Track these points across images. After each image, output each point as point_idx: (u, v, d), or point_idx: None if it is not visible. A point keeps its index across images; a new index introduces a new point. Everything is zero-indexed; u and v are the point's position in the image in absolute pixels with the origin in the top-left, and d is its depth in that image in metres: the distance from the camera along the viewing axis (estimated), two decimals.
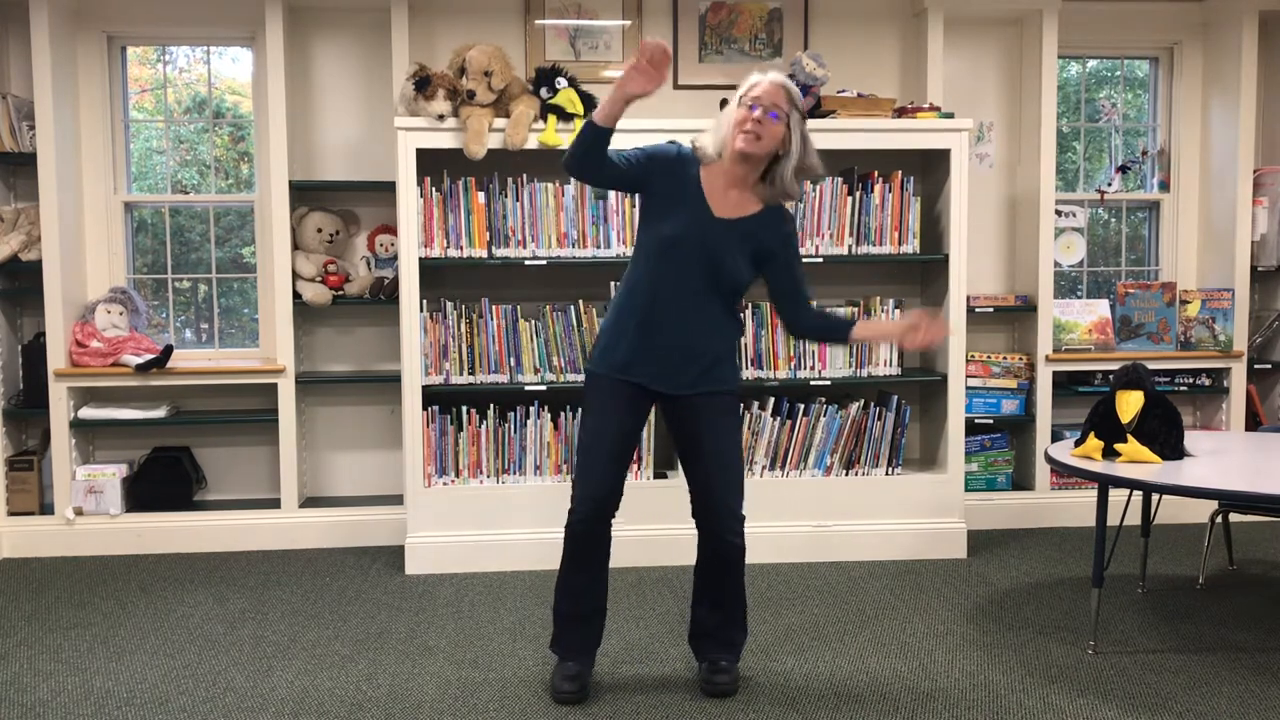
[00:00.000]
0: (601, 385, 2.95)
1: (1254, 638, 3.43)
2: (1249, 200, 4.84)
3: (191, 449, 4.75)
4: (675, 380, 2.91)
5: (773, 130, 2.80)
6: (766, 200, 2.91)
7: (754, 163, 2.86)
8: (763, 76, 2.86)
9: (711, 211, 2.87)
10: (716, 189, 2.89)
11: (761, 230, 2.90)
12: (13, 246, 4.42)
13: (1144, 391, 3.27)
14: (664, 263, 2.87)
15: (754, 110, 2.79)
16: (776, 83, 2.84)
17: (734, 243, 2.87)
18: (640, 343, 2.89)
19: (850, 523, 4.37)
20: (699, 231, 2.85)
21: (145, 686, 3.11)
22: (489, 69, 4.12)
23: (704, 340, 2.90)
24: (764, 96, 2.80)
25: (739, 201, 2.90)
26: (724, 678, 3.00)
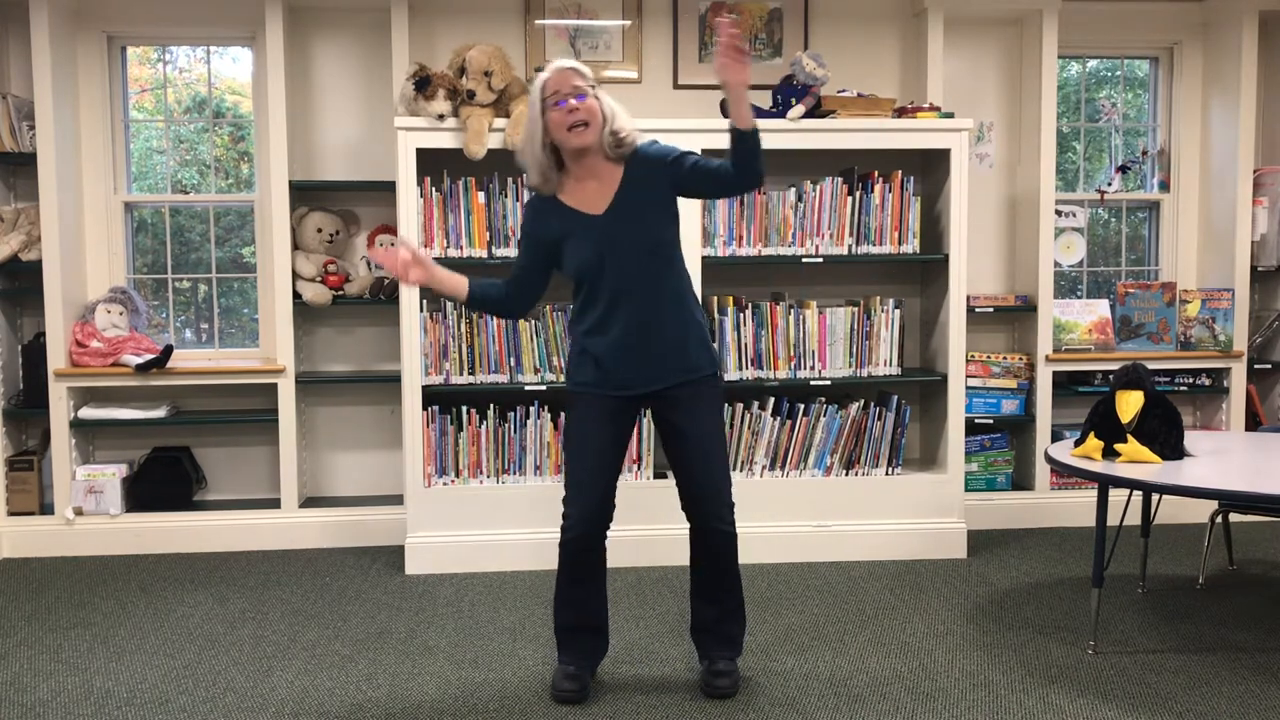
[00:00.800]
0: (581, 402, 2.96)
1: (1254, 638, 3.43)
2: (1249, 200, 4.84)
3: (191, 449, 4.75)
4: (648, 377, 2.91)
5: (590, 107, 2.81)
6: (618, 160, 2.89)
7: (592, 150, 2.86)
8: (547, 72, 2.86)
9: (590, 215, 2.88)
10: (577, 194, 2.91)
11: (641, 181, 2.88)
12: (13, 246, 4.42)
13: (1144, 391, 3.27)
14: (594, 282, 2.89)
15: (562, 105, 2.80)
16: (560, 69, 2.85)
17: (630, 215, 2.87)
18: (606, 357, 2.90)
19: (850, 523, 4.37)
20: (596, 239, 2.86)
21: (145, 686, 3.11)
22: (489, 69, 4.12)
23: (662, 329, 2.89)
24: (562, 87, 2.81)
25: (602, 186, 2.90)
26: (724, 680, 3.00)
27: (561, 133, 2.82)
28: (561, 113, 2.80)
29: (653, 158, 2.90)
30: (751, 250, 4.32)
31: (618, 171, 2.90)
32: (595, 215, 2.88)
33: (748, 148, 2.74)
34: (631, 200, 2.88)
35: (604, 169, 2.90)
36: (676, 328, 2.91)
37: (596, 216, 2.88)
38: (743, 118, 2.71)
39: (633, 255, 2.86)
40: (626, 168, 2.90)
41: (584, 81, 2.84)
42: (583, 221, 2.89)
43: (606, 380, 2.92)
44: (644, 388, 2.92)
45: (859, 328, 4.37)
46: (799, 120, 4.25)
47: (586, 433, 2.94)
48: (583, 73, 2.86)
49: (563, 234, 2.91)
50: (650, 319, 2.88)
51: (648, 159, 2.90)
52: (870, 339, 4.38)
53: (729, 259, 4.31)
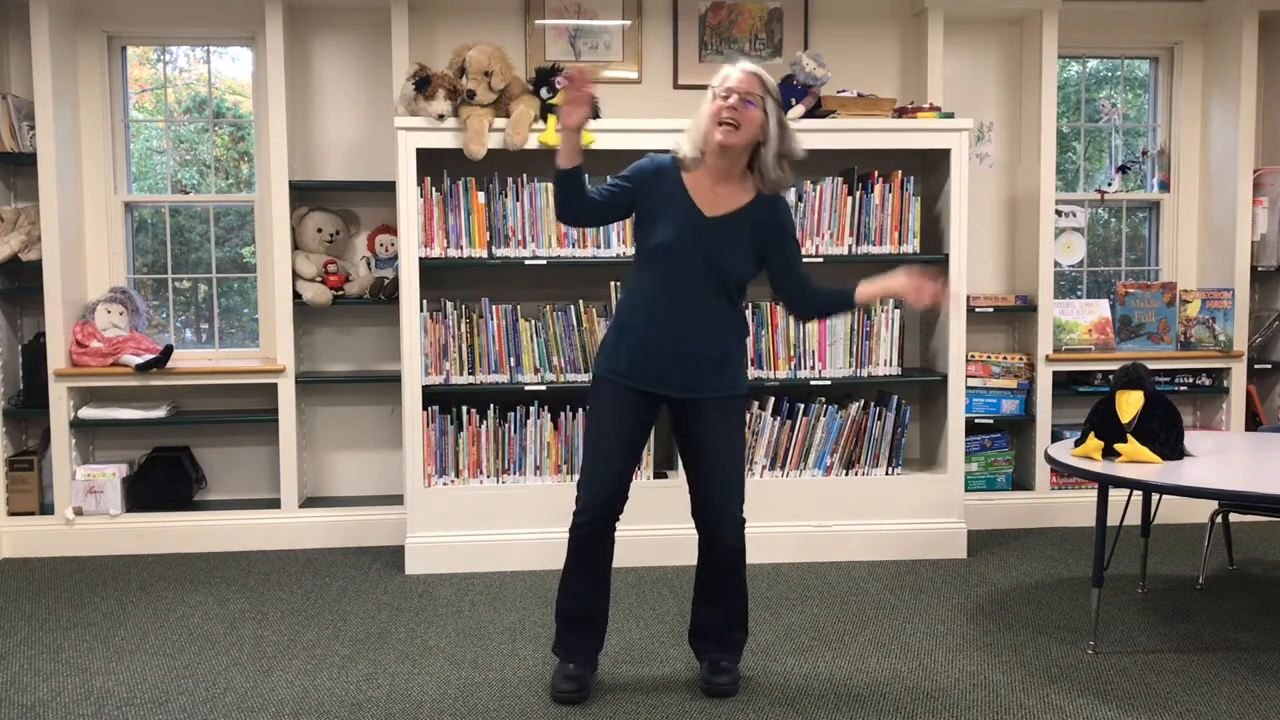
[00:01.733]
0: (606, 389, 2.95)
1: (1254, 638, 3.43)
2: (1249, 200, 4.84)
3: (191, 449, 4.75)
4: (681, 385, 2.91)
5: (749, 117, 2.80)
6: (759, 189, 2.91)
7: (735, 154, 2.85)
8: (733, 67, 2.85)
9: (702, 212, 2.87)
10: (703, 188, 2.89)
11: (756, 221, 2.90)
12: (13, 246, 4.42)
13: (1144, 391, 3.27)
14: (662, 269, 2.87)
15: (729, 99, 2.79)
16: (749, 71, 2.84)
17: (730, 238, 2.87)
18: (644, 349, 2.89)
19: (850, 523, 4.37)
20: (692, 234, 2.85)
21: (145, 686, 3.11)
22: (489, 69, 4.12)
23: (708, 343, 2.90)
24: (738, 85, 2.80)
25: (728, 196, 2.89)
26: (724, 678, 3.00)
27: (711, 123, 2.81)
28: (721, 103, 2.79)
29: (779, 216, 2.94)
30: None
31: (748, 195, 2.90)
32: (704, 215, 2.87)
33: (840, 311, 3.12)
34: (740, 228, 2.88)
35: (739, 183, 2.90)
36: (719, 345, 2.92)
37: (705, 216, 2.87)
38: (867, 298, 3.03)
39: (710, 271, 2.86)
40: (755, 200, 2.90)
41: (762, 92, 2.82)
42: (690, 211, 2.87)
43: (636, 372, 2.91)
44: (670, 391, 2.92)
45: (859, 328, 4.37)
46: (799, 120, 4.25)
47: (607, 422, 2.93)
48: (766, 84, 2.84)
49: (663, 206, 2.88)
50: (701, 331, 2.88)
51: (775, 213, 2.93)
52: (870, 339, 4.38)
53: None
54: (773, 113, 2.84)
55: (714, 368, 2.91)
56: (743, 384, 2.99)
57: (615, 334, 2.95)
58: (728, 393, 2.94)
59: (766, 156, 2.86)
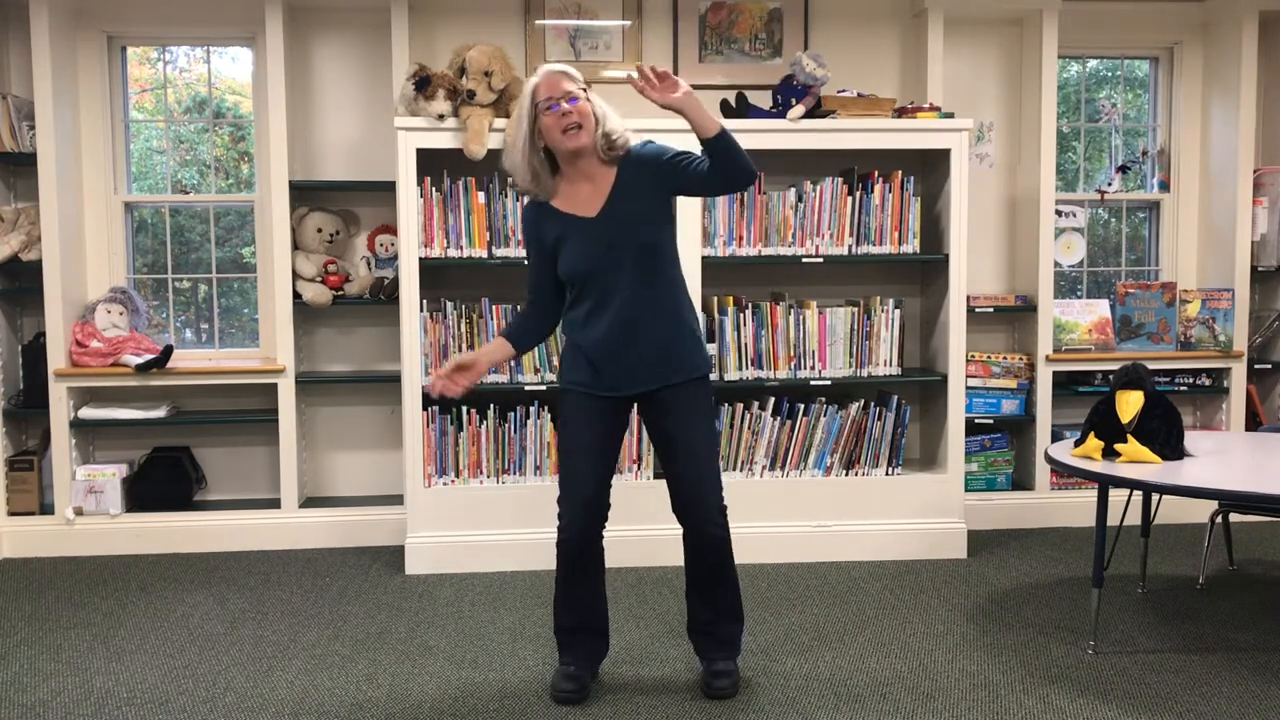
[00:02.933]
0: (571, 400, 2.97)
1: (1254, 638, 3.43)
2: (1249, 200, 4.84)
3: (191, 449, 4.75)
4: (638, 378, 2.91)
5: (583, 110, 2.81)
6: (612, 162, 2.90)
7: (588, 153, 2.86)
8: (534, 80, 2.85)
9: (585, 218, 2.88)
10: (572, 198, 2.90)
11: (634, 182, 2.88)
12: (13, 246, 4.42)
13: (1144, 391, 3.27)
14: (586, 287, 2.89)
15: (555, 109, 2.79)
16: (550, 73, 2.84)
17: (622, 217, 2.87)
18: (597, 355, 2.90)
19: (850, 523, 4.37)
20: (591, 242, 2.86)
21: (145, 686, 3.11)
22: (489, 69, 4.12)
23: (652, 329, 2.89)
24: (552, 92, 2.80)
25: (596, 187, 2.90)
26: (724, 680, 3.00)
27: (556, 136, 2.81)
28: (555, 116, 2.79)
29: (646, 159, 2.90)
30: (751, 250, 4.32)
31: (611, 173, 2.90)
32: (589, 218, 2.88)
33: (721, 149, 2.74)
34: (625, 202, 2.87)
35: (597, 171, 2.90)
36: (666, 329, 2.91)
37: (590, 219, 2.88)
38: (704, 126, 2.72)
39: (625, 256, 2.86)
40: (620, 169, 2.90)
41: (575, 84, 2.83)
42: (577, 225, 2.89)
43: (597, 380, 2.92)
44: (633, 389, 2.93)
45: (859, 328, 4.37)
46: (799, 120, 4.25)
47: (578, 432, 2.95)
48: (573, 75, 2.85)
49: (559, 238, 2.91)
50: (639, 319, 2.88)
51: (641, 160, 2.90)
52: (870, 339, 4.38)
53: (729, 259, 4.31)
54: (592, 96, 2.85)
55: (669, 351, 2.91)
56: (704, 364, 2.97)
57: (570, 349, 2.97)
58: (690, 376, 2.93)
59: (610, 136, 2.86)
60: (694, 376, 2.95)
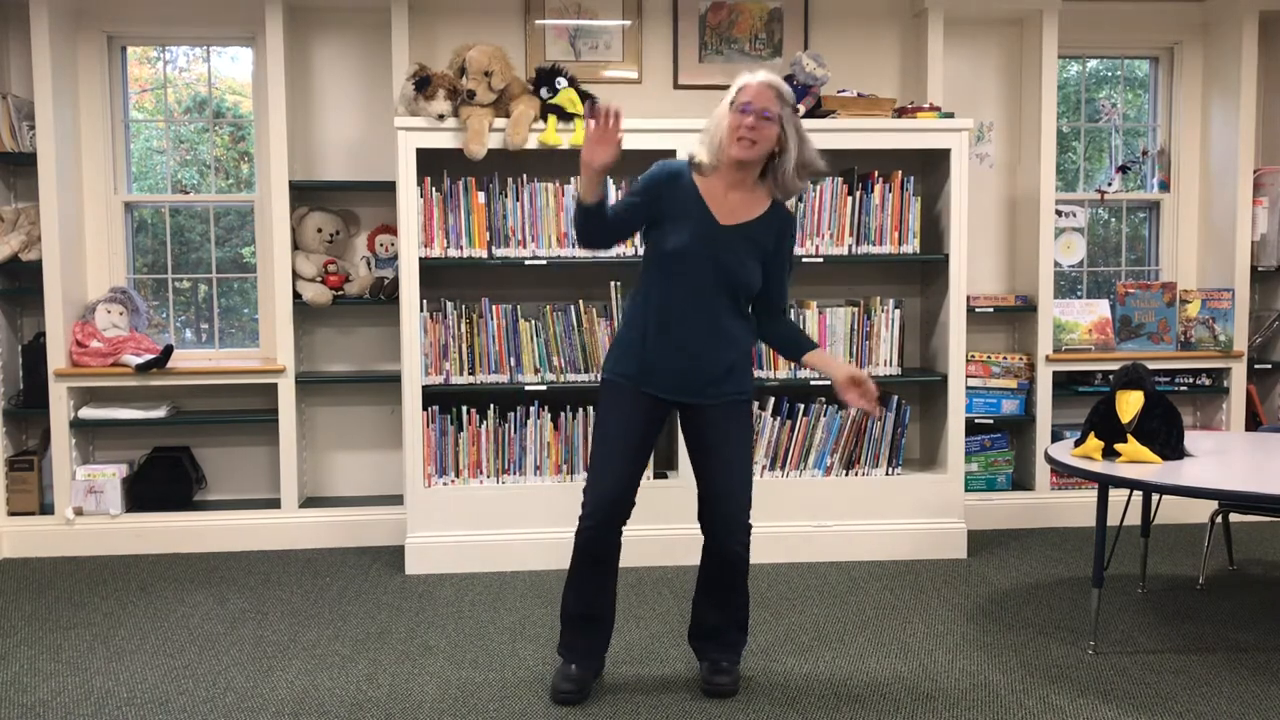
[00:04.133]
0: (615, 393, 2.95)
1: (1254, 638, 3.43)
2: (1249, 200, 4.84)
3: (191, 449, 4.75)
4: (690, 390, 2.92)
5: (767, 133, 2.80)
6: (772, 197, 2.92)
7: (752, 166, 2.86)
8: (751, 77, 2.84)
9: (716, 219, 2.87)
10: (717, 195, 2.89)
11: (766, 230, 2.91)
12: (13, 246, 4.42)
13: (1144, 391, 3.27)
14: (674, 274, 2.87)
15: (746, 115, 2.78)
16: (765, 83, 2.83)
17: (742, 246, 2.87)
18: (654, 354, 2.90)
19: (850, 523, 4.37)
20: (706, 241, 2.85)
21: (145, 686, 3.11)
22: (489, 69, 4.11)
23: (718, 350, 2.90)
24: (755, 100, 2.79)
25: (742, 204, 2.90)
26: (724, 678, 3.00)
27: (728, 135, 2.81)
28: (738, 118, 2.79)
29: (784, 226, 2.94)
30: None
31: (761, 205, 2.91)
32: (719, 223, 2.87)
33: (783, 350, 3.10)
34: (751, 236, 2.89)
35: (753, 192, 2.90)
36: (732, 353, 2.92)
37: (719, 224, 2.87)
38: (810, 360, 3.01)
39: (725, 277, 2.86)
40: (771, 208, 2.91)
41: (779, 106, 2.81)
42: (705, 219, 2.87)
43: (647, 377, 2.91)
44: (682, 397, 2.93)
45: (859, 328, 4.37)
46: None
47: (618, 423, 2.93)
48: (784, 96, 2.83)
49: (678, 212, 2.87)
50: (711, 338, 2.88)
51: (783, 224, 2.93)
52: (870, 339, 4.38)
53: None
54: (790, 123, 2.83)
55: (723, 375, 2.92)
56: (750, 388, 3.00)
57: (625, 337, 2.95)
58: (735, 396, 2.95)
59: (786, 166, 2.85)
60: (742, 397, 2.97)
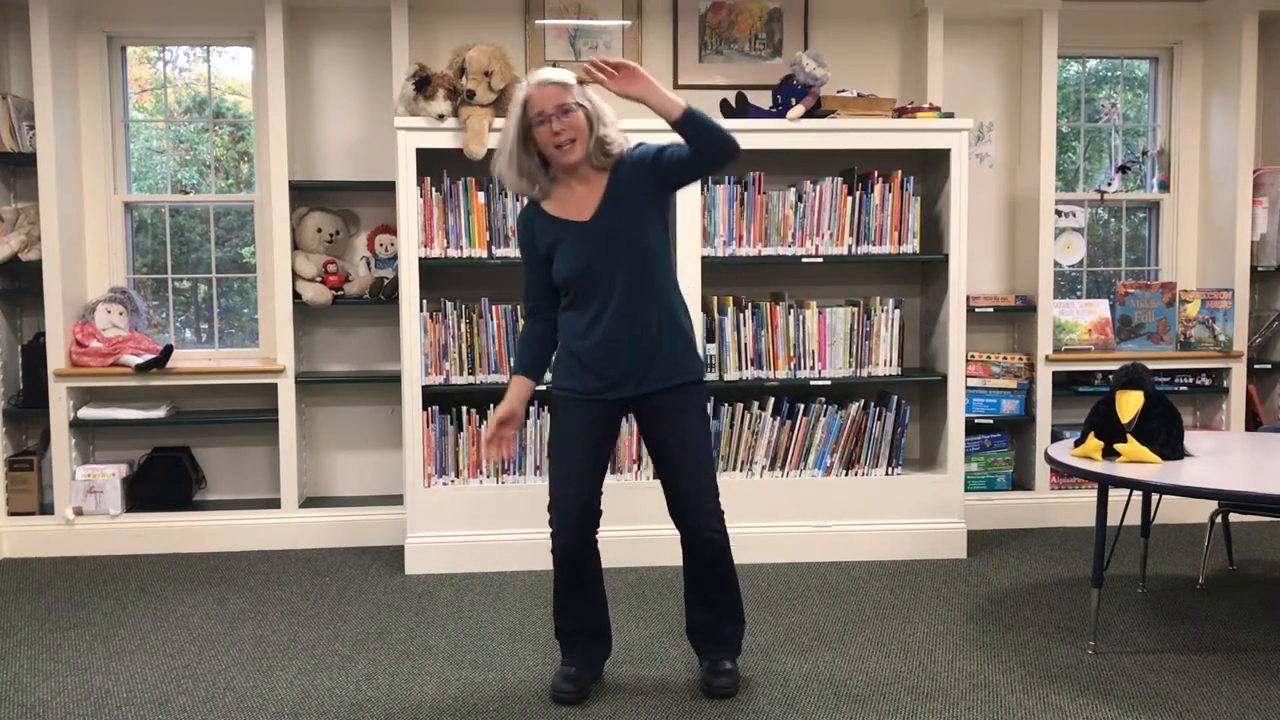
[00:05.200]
0: (566, 407, 2.96)
1: (1254, 638, 3.43)
2: (1249, 200, 4.84)
3: (191, 449, 4.75)
4: (631, 380, 2.90)
5: (576, 123, 2.80)
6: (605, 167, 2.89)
7: (584, 159, 2.85)
8: (530, 87, 2.83)
9: (578, 222, 2.88)
10: (566, 203, 2.90)
11: (625, 185, 2.88)
12: (13, 246, 4.42)
13: (1144, 391, 3.27)
14: (581, 290, 2.89)
15: (548, 123, 2.78)
16: (544, 83, 2.82)
17: (617, 219, 2.86)
18: (593, 363, 2.90)
19: (850, 523, 4.37)
20: (584, 245, 2.86)
21: (145, 686, 3.11)
22: (489, 69, 4.12)
23: (645, 332, 2.88)
24: (544, 104, 2.79)
25: (590, 191, 2.89)
26: (724, 679, 3.00)
27: (550, 151, 2.82)
28: (547, 133, 2.79)
29: (636, 161, 2.90)
30: (751, 250, 4.32)
31: (604, 177, 2.90)
32: (582, 222, 2.88)
33: (691, 128, 2.76)
34: (617, 205, 2.87)
35: (591, 175, 2.90)
36: (660, 331, 2.90)
37: (583, 223, 2.88)
38: (670, 109, 2.74)
39: (618, 259, 2.85)
40: (613, 173, 2.90)
41: (567, 93, 2.81)
42: (570, 229, 2.88)
43: (590, 384, 2.91)
44: (626, 392, 2.92)
45: (859, 328, 4.37)
46: (799, 120, 4.25)
47: (569, 438, 2.95)
48: (565, 83, 2.83)
49: (553, 244, 2.90)
50: (632, 322, 2.87)
51: (632, 163, 2.90)
52: (870, 339, 4.38)
53: (729, 259, 4.31)
54: (583, 98, 2.83)
55: (657, 355, 2.89)
56: (697, 369, 2.97)
57: (563, 355, 2.97)
58: (683, 380, 2.92)
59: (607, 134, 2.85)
60: (688, 380, 2.94)
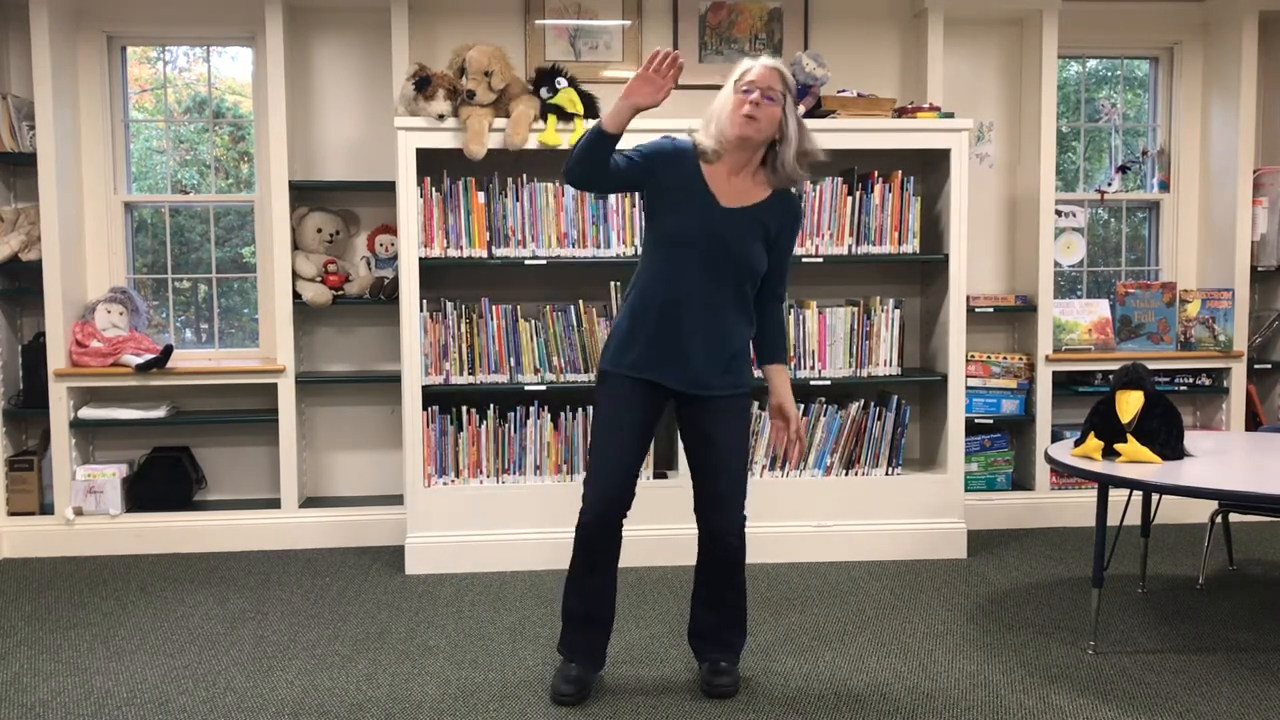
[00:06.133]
0: (614, 384, 2.92)
1: (1254, 638, 3.43)
2: (1249, 200, 4.84)
3: (191, 449, 4.75)
4: (692, 379, 2.89)
5: (769, 112, 2.80)
6: (773, 186, 2.91)
7: (753, 148, 2.85)
8: (754, 61, 2.85)
9: (718, 201, 2.86)
10: (720, 178, 2.88)
11: (769, 215, 2.90)
12: (13, 246, 4.42)
13: (1144, 391, 3.27)
14: (675, 258, 2.85)
15: (749, 94, 2.78)
16: (769, 66, 2.83)
17: (746, 228, 2.86)
18: (656, 341, 2.87)
19: (850, 523, 4.37)
20: (708, 223, 2.84)
21: (145, 686, 3.11)
22: (489, 69, 4.12)
23: (721, 337, 2.88)
24: (758, 80, 2.79)
25: (744, 189, 2.89)
26: (724, 679, 3.00)
27: (733, 115, 2.80)
28: (741, 97, 2.79)
29: (790, 214, 2.93)
30: None
31: (762, 192, 2.90)
32: (721, 205, 2.86)
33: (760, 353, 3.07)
34: (754, 221, 2.87)
35: (757, 178, 2.90)
36: (734, 342, 2.91)
37: (721, 206, 2.85)
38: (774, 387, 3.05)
39: (727, 263, 2.84)
40: (774, 195, 2.90)
41: (782, 89, 2.81)
42: (707, 199, 2.85)
43: (648, 365, 2.88)
44: (681, 385, 2.90)
45: (859, 328, 4.37)
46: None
47: (617, 416, 2.91)
48: (786, 81, 2.84)
49: (680, 192, 2.85)
50: (716, 323, 2.87)
51: (788, 208, 2.93)
52: (870, 339, 4.38)
53: None
54: (791, 110, 2.84)
55: (725, 365, 2.90)
56: (749, 382, 2.99)
57: (626, 324, 2.91)
58: (735, 390, 2.93)
59: (785, 154, 2.85)
60: (741, 391, 2.95)
